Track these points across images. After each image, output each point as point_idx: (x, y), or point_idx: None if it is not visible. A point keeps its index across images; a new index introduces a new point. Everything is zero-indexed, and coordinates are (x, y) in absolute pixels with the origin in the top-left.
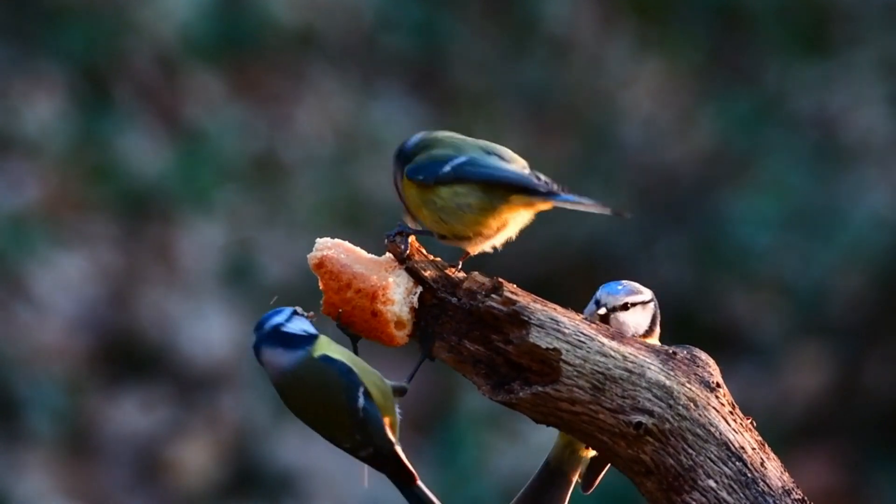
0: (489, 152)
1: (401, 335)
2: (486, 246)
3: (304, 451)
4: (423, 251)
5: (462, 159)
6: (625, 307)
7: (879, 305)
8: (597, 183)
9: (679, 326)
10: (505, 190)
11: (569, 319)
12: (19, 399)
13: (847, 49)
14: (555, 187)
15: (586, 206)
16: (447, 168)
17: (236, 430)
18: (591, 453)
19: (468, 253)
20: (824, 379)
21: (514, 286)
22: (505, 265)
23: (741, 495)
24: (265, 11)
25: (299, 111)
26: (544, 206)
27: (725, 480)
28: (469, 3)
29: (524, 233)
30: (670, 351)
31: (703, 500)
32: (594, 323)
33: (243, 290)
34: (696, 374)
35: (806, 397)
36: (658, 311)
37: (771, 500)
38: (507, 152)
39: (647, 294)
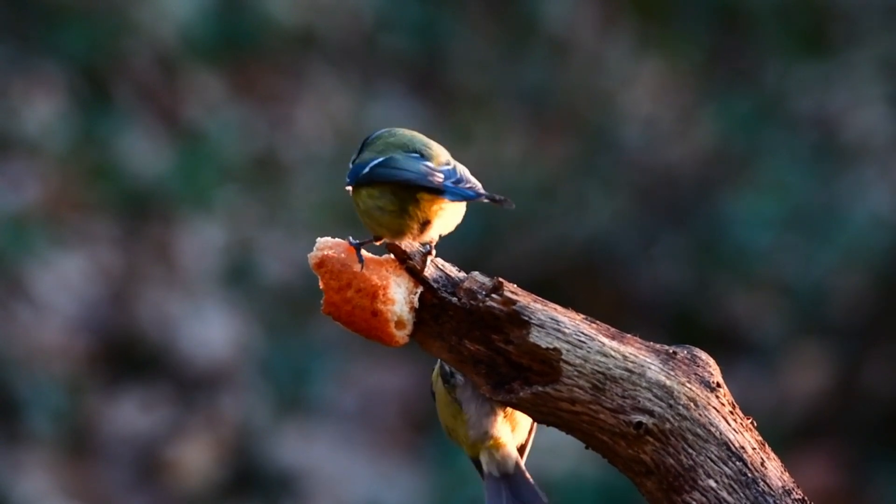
0: (411, 150)
1: (401, 335)
2: (424, 238)
3: (304, 451)
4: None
5: (378, 160)
6: None
7: (879, 305)
8: (597, 183)
9: (679, 326)
10: (412, 190)
11: (569, 319)
12: (19, 399)
13: (847, 49)
14: (452, 179)
15: (474, 199)
16: (366, 170)
17: (236, 430)
18: (506, 441)
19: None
20: (824, 379)
21: (515, 286)
22: (505, 265)
23: (741, 495)
24: (265, 12)
25: (299, 111)
26: (446, 202)
27: (726, 480)
28: (469, 3)
29: (524, 233)
30: (670, 351)
31: (704, 499)
32: (594, 323)
33: (243, 291)
34: (696, 374)
35: (806, 397)
36: None
37: (771, 500)
38: (431, 149)
39: None
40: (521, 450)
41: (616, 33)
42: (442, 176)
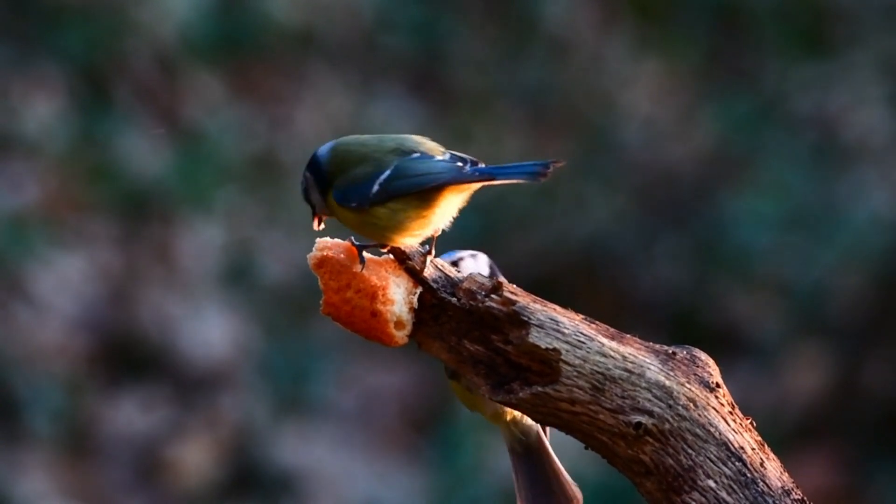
0: (408, 152)
1: (400, 335)
2: (441, 226)
3: (304, 451)
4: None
5: (387, 174)
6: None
7: (879, 305)
8: (597, 183)
9: (679, 326)
10: (437, 189)
11: (568, 320)
12: (19, 399)
13: (847, 49)
14: (481, 167)
15: (518, 178)
16: (375, 188)
17: (236, 430)
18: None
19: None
20: (824, 379)
21: (514, 286)
22: (505, 265)
23: (741, 495)
24: (265, 12)
25: (299, 111)
26: (467, 190)
27: (725, 480)
28: (469, 4)
29: (524, 233)
30: (670, 351)
31: (703, 500)
32: (594, 323)
33: (243, 291)
34: (695, 375)
35: (805, 397)
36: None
37: (770, 501)
38: (425, 144)
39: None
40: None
41: (616, 33)
42: (461, 165)
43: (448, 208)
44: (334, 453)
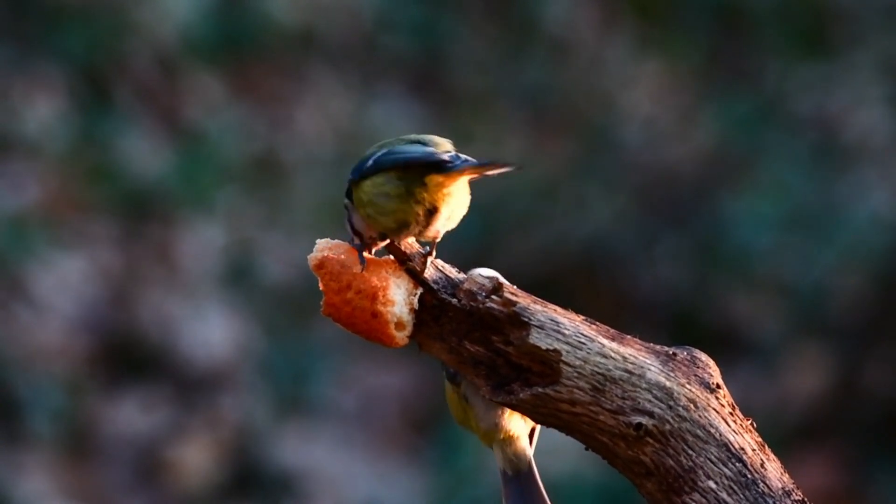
0: (412, 142)
1: (401, 336)
2: (429, 232)
3: (304, 451)
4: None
5: (383, 151)
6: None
7: (879, 305)
8: (597, 183)
9: (679, 327)
10: (419, 173)
11: (569, 321)
12: (19, 399)
13: (847, 49)
14: (458, 159)
15: (489, 168)
16: (370, 162)
17: (236, 430)
18: (519, 435)
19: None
20: (824, 379)
21: (514, 287)
22: (505, 266)
23: (741, 496)
24: (265, 12)
25: (299, 112)
26: (456, 177)
27: (725, 481)
28: (469, 4)
29: (524, 233)
30: (670, 352)
31: (704, 501)
32: (594, 324)
33: (243, 291)
34: (696, 376)
35: (806, 398)
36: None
37: (771, 502)
38: (435, 139)
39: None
40: (531, 433)
41: (616, 34)
42: (447, 158)
43: (434, 203)
44: (334, 453)
